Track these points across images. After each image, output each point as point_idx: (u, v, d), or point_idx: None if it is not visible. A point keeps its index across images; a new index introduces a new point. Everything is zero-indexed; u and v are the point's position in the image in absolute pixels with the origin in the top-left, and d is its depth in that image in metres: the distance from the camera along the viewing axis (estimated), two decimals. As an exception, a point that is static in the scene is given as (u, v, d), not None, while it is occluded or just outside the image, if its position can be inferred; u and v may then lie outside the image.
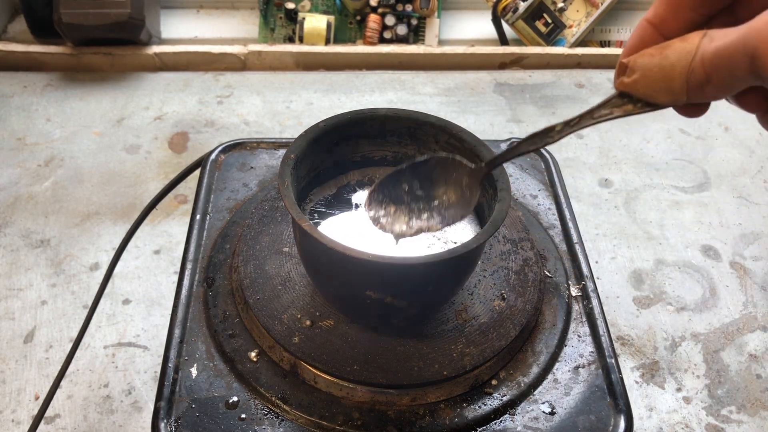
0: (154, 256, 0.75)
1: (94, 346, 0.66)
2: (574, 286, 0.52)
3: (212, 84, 1.00)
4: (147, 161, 0.87)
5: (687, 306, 0.72)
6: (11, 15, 1.11)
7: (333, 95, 0.99)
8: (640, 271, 0.76)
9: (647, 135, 0.95)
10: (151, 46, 1.02)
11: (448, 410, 0.43)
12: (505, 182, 0.42)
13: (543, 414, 0.44)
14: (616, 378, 0.46)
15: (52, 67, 1.01)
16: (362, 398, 0.43)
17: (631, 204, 0.84)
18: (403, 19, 1.08)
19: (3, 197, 0.81)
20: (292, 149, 0.43)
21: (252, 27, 1.12)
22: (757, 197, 0.86)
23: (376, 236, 0.45)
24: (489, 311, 0.47)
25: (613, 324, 0.70)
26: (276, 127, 0.93)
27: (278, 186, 0.41)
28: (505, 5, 1.05)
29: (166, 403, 0.43)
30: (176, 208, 0.80)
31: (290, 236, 0.51)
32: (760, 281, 0.75)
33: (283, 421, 0.43)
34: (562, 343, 0.48)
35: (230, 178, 0.59)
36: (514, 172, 0.61)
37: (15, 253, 0.74)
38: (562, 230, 0.57)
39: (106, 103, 0.96)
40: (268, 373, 0.45)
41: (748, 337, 0.70)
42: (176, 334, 0.47)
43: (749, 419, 0.63)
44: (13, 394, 0.62)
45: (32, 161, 0.86)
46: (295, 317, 0.46)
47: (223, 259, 0.52)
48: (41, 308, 0.69)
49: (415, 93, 1.01)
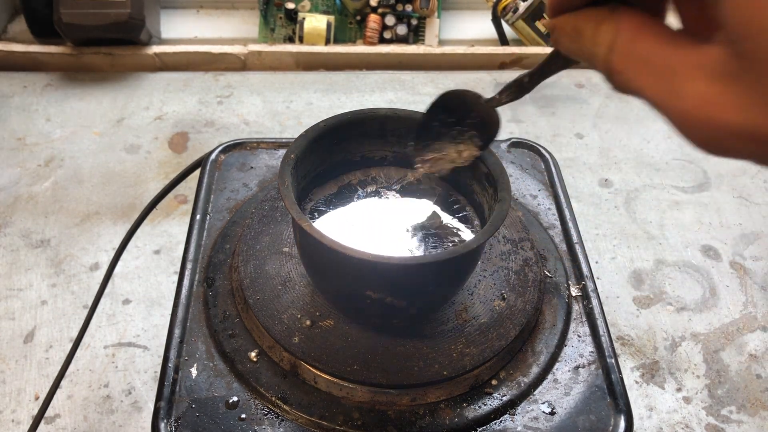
0: (154, 256, 0.75)
1: (94, 346, 0.66)
2: (574, 286, 0.52)
3: (212, 84, 1.00)
4: (147, 161, 0.87)
5: (687, 306, 0.72)
6: (11, 15, 1.11)
7: (333, 95, 0.99)
8: (640, 271, 0.76)
9: (647, 135, 0.95)
10: (151, 46, 1.02)
11: (448, 410, 0.43)
12: (505, 182, 0.42)
13: (543, 414, 0.44)
14: (616, 378, 0.46)
15: (52, 67, 1.01)
16: (362, 398, 0.43)
17: (631, 204, 0.84)
18: (403, 19, 1.08)
19: (3, 197, 0.81)
20: (293, 149, 0.43)
21: (252, 27, 1.12)
22: (757, 197, 0.86)
23: (375, 234, 0.45)
24: (489, 311, 0.47)
25: (613, 324, 0.70)
26: (276, 127, 0.93)
27: (278, 186, 0.41)
28: (505, 5, 1.05)
29: (166, 403, 0.43)
30: (176, 208, 0.80)
31: (290, 236, 0.51)
32: (760, 281, 0.75)
33: (283, 421, 0.43)
34: (562, 343, 0.48)
35: (230, 178, 0.59)
36: (514, 172, 0.61)
37: (15, 253, 0.74)
38: (562, 230, 0.57)
39: (106, 103, 0.96)
40: (268, 373, 0.45)
41: (748, 337, 0.70)
42: (176, 334, 0.47)
43: (749, 419, 0.63)
44: (13, 394, 0.62)
45: (32, 161, 0.86)
46: (295, 317, 0.46)
47: (223, 259, 0.52)
48: (41, 308, 0.69)
49: (415, 93, 1.01)
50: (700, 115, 0.22)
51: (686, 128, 0.23)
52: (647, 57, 0.24)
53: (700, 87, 0.22)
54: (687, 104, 0.22)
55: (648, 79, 0.24)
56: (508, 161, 0.63)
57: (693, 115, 0.22)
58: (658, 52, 0.24)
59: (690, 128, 0.23)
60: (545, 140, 0.93)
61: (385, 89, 1.01)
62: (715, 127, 0.22)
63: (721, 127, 0.22)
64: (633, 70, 0.25)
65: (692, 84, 0.22)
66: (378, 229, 0.46)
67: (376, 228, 0.46)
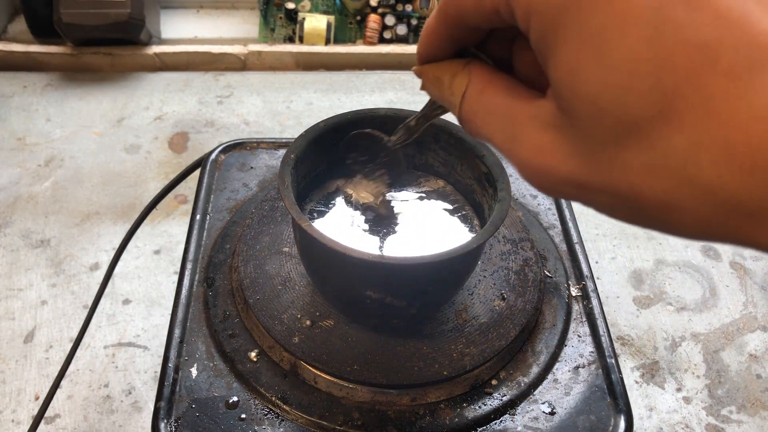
0: (154, 256, 0.75)
1: (94, 346, 0.66)
2: (574, 286, 0.52)
3: (212, 84, 1.00)
4: (147, 161, 0.87)
5: (687, 306, 0.72)
6: (11, 15, 1.11)
7: (333, 95, 0.99)
8: (640, 271, 0.76)
9: (647, 135, 0.95)
10: (151, 46, 1.02)
11: (448, 410, 0.43)
12: (505, 182, 0.42)
13: (543, 414, 0.44)
14: (616, 378, 0.46)
15: (52, 67, 1.01)
16: (362, 398, 0.43)
17: (631, 204, 0.84)
18: (403, 19, 1.08)
19: (3, 197, 0.81)
20: (292, 149, 0.43)
21: (252, 27, 1.12)
22: (757, 197, 0.86)
23: (374, 233, 0.45)
24: (489, 311, 0.47)
25: (613, 324, 0.70)
26: (276, 127, 0.93)
27: (278, 186, 0.41)
28: (505, 5, 1.05)
29: (166, 403, 0.43)
30: (176, 208, 0.80)
31: (290, 236, 0.51)
32: (760, 281, 0.75)
33: (283, 421, 0.43)
34: (562, 343, 0.48)
35: (230, 178, 0.59)
36: (514, 172, 0.61)
37: (15, 253, 0.74)
38: (562, 230, 0.57)
39: (106, 103, 0.96)
40: (268, 373, 0.45)
41: (748, 337, 0.70)
42: (176, 334, 0.47)
43: (749, 419, 0.63)
44: (13, 394, 0.62)
45: (32, 161, 0.86)
46: (295, 317, 0.46)
47: (223, 259, 0.52)
48: (41, 308, 0.69)
49: (415, 93, 1.01)
50: (534, 161, 0.24)
51: (525, 172, 0.25)
52: (492, 107, 0.27)
53: (535, 135, 0.24)
54: (524, 151, 0.24)
55: (492, 127, 0.26)
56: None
57: (529, 161, 0.24)
58: (502, 102, 0.26)
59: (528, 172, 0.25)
60: (545, 140, 0.93)
61: (385, 89, 1.01)
62: (546, 172, 0.24)
63: (551, 173, 0.24)
64: (480, 118, 0.27)
65: (528, 132, 0.24)
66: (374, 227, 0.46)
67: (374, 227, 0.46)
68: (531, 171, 0.24)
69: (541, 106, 0.24)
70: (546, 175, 0.24)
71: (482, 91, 0.27)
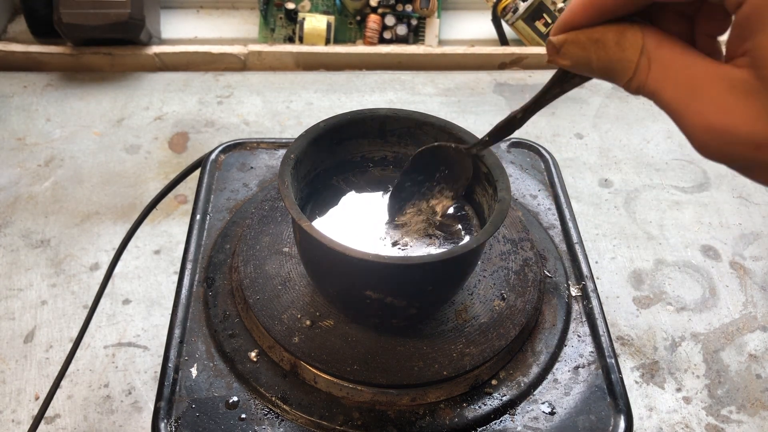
0: (154, 256, 0.75)
1: (94, 346, 0.66)
2: (574, 286, 0.52)
3: (212, 84, 1.00)
4: (147, 161, 0.87)
5: (687, 306, 0.72)
6: (11, 15, 1.11)
7: (333, 95, 0.99)
8: (640, 271, 0.76)
9: (647, 135, 0.95)
10: (151, 46, 1.02)
11: (448, 410, 0.43)
12: (505, 182, 0.42)
13: (543, 414, 0.44)
14: (616, 378, 0.46)
15: (52, 67, 1.01)
16: (362, 398, 0.43)
17: (630, 204, 0.84)
18: (403, 19, 1.08)
19: (3, 197, 0.81)
20: (292, 149, 0.43)
21: (252, 27, 1.12)
22: (757, 197, 0.86)
23: (374, 232, 0.45)
24: (489, 311, 0.47)
25: (613, 324, 0.70)
26: (276, 127, 0.93)
27: (278, 186, 0.41)
28: (505, 5, 1.05)
29: (166, 403, 0.43)
30: (176, 208, 0.80)
31: (290, 236, 0.51)
32: (760, 281, 0.75)
33: (283, 421, 0.43)
34: (562, 343, 0.48)
35: (230, 178, 0.59)
36: (514, 172, 0.61)
37: (15, 253, 0.74)
38: (562, 230, 0.57)
39: (106, 103, 0.96)
40: (268, 373, 0.45)
41: (748, 337, 0.70)
42: (176, 334, 0.47)
43: (749, 419, 0.63)
44: (13, 394, 0.62)
45: (32, 161, 0.86)
46: (295, 317, 0.46)
47: (223, 259, 0.52)
48: (41, 308, 0.69)
49: (415, 93, 1.01)
50: (714, 117, 0.25)
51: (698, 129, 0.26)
52: (669, 62, 0.27)
53: (721, 95, 0.25)
54: (705, 107, 0.25)
55: (669, 83, 0.27)
56: (508, 161, 0.63)
57: (708, 118, 0.25)
58: (683, 59, 0.27)
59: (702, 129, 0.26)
60: (545, 140, 0.93)
61: (385, 89, 1.01)
62: (727, 131, 0.25)
63: (732, 132, 0.25)
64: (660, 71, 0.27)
65: (713, 91, 0.25)
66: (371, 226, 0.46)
67: (374, 226, 0.46)
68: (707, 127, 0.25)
69: (731, 71, 0.25)
70: (725, 133, 0.25)
71: (659, 46, 0.27)
